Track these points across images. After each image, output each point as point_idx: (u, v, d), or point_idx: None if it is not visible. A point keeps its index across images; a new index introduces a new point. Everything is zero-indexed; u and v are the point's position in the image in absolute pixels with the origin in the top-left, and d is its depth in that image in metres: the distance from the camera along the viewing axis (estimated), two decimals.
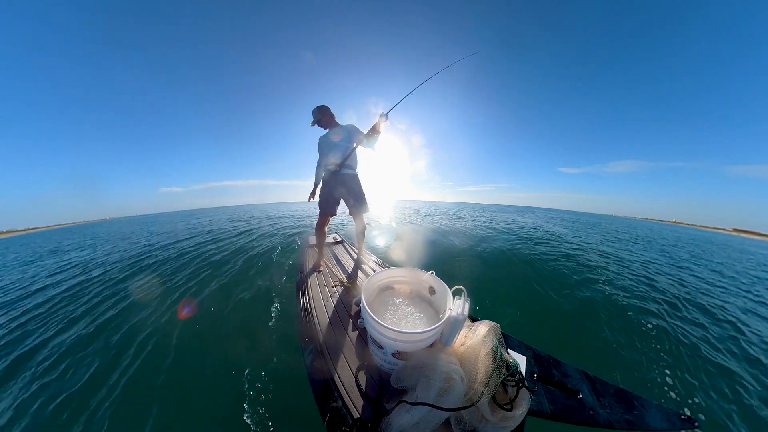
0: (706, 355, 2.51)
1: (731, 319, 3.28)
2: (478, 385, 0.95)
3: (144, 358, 2.31)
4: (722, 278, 5.55)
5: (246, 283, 3.78)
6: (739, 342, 2.78)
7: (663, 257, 7.19)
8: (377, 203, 25.11)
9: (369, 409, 1.07)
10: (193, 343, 2.50)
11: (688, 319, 3.19)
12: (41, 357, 2.43)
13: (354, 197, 2.59)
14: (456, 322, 1.07)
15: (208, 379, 2.08)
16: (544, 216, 21.39)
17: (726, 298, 4.16)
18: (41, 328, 2.97)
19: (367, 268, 2.60)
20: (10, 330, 3.01)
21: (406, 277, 1.52)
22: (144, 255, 6.18)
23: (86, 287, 4.21)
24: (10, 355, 2.50)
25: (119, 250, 7.36)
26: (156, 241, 8.35)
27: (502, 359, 1.03)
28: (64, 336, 2.74)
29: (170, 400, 1.90)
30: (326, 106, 2.59)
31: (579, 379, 1.25)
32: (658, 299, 3.69)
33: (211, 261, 5.05)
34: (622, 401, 1.16)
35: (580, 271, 4.65)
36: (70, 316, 3.21)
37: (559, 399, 1.15)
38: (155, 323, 2.84)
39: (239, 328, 2.69)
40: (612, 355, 2.45)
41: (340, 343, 1.50)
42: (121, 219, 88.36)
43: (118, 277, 4.57)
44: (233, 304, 3.17)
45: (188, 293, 3.56)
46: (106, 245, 9.04)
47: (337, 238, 3.80)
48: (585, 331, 2.81)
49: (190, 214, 33.06)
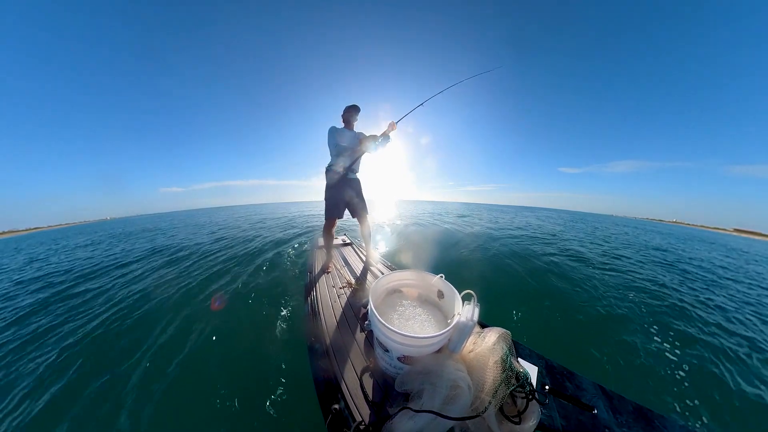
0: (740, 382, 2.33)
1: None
2: (485, 394, 0.91)
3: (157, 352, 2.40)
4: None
5: (255, 282, 3.87)
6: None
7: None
8: (379, 203, 25.20)
9: (372, 412, 1.05)
10: (202, 338, 2.56)
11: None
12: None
13: (360, 199, 2.68)
14: (465, 327, 1.04)
15: (214, 372, 2.13)
16: (543, 216, 20.89)
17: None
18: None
19: (375, 270, 2.60)
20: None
21: (415, 280, 1.50)
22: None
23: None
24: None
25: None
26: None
27: (512, 368, 0.99)
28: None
29: (174, 395, 1.95)
30: (357, 107, 2.64)
31: (594, 394, 1.19)
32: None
33: (223, 259, 5.21)
34: (642, 420, 1.09)
35: (601, 277, 4.47)
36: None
37: (572, 414, 1.09)
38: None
39: (247, 325, 2.75)
40: (630, 369, 2.32)
41: (346, 344, 1.49)
42: (122, 219, 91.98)
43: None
44: (244, 301, 3.25)
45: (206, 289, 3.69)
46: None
47: (345, 240, 3.83)
48: (603, 342, 2.67)
49: (194, 214, 34.31)
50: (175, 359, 2.26)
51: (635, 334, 2.79)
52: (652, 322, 3.09)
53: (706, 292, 4.39)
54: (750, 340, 2.90)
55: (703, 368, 2.37)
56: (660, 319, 3.16)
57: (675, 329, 2.97)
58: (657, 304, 3.63)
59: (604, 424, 1.06)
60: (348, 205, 2.67)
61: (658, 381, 2.20)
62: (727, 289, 4.77)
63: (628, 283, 4.41)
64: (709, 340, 2.82)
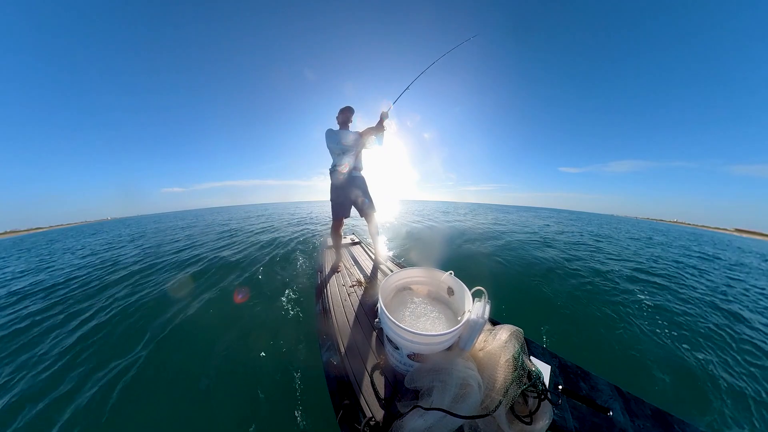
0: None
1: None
2: (496, 393, 0.91)
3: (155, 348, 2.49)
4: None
5: (270, 282, 3.96)
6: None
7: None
8: (382, 203, 25.18)
9: (381, 408, 1.06)
10: (213, 335, 2.64)
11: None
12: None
13: (367, 197, 2.66)
14: (475, 325, 1.03)
15: (229, 367, 2.20)
16: (547, 216, 20.25)
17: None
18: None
19: (384, 268, 2.60)
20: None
21: (424, 278, 1.49)
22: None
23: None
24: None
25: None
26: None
27: (524, 367, 0.97)
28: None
29: (187, 392, 2.02)
30: (351, 108, 2.63)
31: (610, 395, 1.15)
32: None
33: (230, 261, 5.33)
34: (660, 424, 1.05)
35: (613, 276, 4.33)
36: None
37: (586, 416, 1.07)
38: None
39: (261, 323, 2.82)
40: (646, 368, 2.25)
41: (356, 342, 1.51)
42: (124, 219, 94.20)
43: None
44: (258, 300, 3.34)
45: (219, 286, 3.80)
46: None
47: (354, 239, 3.86)
48: (620, 341, 2.60)
49: (199, 213, 35.12)
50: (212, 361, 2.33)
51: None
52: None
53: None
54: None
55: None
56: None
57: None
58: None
59: (620, 428, 1.03)
60: (354, 203, 2.67)
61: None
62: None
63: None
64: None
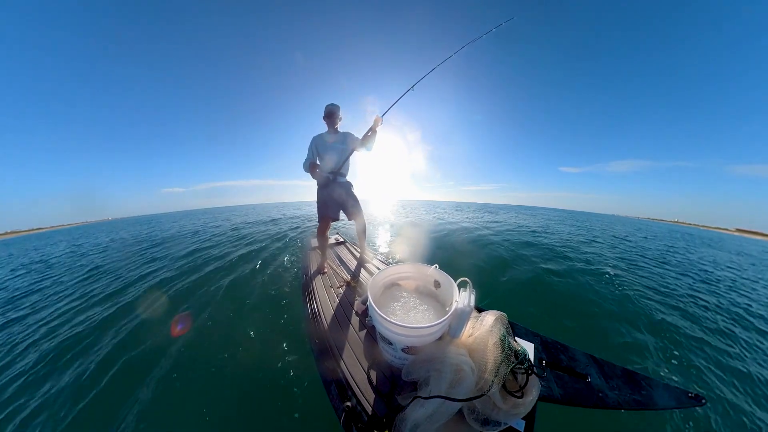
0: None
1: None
2: (488, 374, 0.96)
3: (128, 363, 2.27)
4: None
5: (251, 287, 3.74)
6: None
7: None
8: (379, 203, 25.01)
9: (382, 404, 1.09)
10: (196, 351, 2.43)
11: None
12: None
13: (352, 199, 2.61)
14: (463, 313, 1.09)
15: (217, 386, 2.04)
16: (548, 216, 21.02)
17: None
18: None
19: (370, 267, 2.61)
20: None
21: (411, 273, 1.53)
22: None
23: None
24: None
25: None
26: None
27: (511, 348, 1.04)
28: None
29: (176, 408, 1.87)
30: (338, 106, 2.53)
31: (587, 363, 1.27)
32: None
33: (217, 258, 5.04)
34: (630, 382, 1.18)
35: (582, 258, 4.67)
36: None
37: (569, 383, 1.17)
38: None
39: (247, 333, 2.67)
40: (614, 336, 2.48)
41: (349, 342, 1.52)
42: (125, 219, 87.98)
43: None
44: (240, 308, 3.13)
45: (192, 299, 3.55)
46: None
47: (338, 238, 3.81)
48: (593, 317, 2.83)
49: (201, 213, 33.02)
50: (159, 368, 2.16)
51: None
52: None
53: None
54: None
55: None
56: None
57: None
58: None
59: (598, 389, 1.14)
60: (341, 205, 2.62)
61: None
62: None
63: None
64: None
